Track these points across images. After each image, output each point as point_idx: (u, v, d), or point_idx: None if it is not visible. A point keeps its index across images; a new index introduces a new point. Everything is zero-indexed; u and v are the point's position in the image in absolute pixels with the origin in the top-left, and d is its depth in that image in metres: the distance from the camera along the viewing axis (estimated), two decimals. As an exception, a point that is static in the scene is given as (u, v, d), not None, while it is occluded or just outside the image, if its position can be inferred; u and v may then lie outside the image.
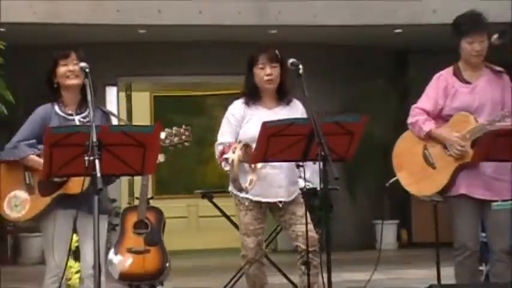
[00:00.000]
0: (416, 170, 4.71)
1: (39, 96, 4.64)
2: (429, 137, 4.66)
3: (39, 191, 4.40)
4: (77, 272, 5.34)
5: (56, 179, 4.27)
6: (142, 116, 13.16)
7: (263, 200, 4.88)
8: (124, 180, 11.13)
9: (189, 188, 10.44)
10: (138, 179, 5.80)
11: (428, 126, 4.64)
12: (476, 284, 4.50)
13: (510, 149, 4.23)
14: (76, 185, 4.25)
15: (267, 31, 9.85)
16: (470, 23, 4.60)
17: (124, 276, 5.51)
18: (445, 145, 4.60)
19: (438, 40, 9.77)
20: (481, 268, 5.44)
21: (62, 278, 4.35)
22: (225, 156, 4.83)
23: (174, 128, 4.79)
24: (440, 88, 4.67)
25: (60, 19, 9.48)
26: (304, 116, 4.87)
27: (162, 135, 4.79)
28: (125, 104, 12.38)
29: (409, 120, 4.76)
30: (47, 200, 4.37)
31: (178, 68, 11.14)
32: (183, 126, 4.85)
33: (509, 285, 4.38)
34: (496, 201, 4.48)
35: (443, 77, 4.71)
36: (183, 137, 4.84)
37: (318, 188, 4.53)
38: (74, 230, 4.41)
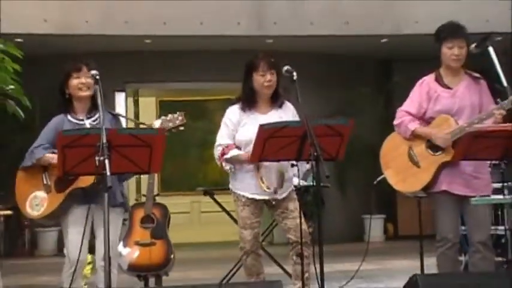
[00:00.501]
0: (402, 169, 4.70)
1: (54, 102, 4.67)
2: (414, 136, 4.64)
3: (56, 188, 4.44)
4: (89, 263, 5.33)
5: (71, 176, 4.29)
6: (149, 119, 13.04)
7: (257, 197, 4.88)
8: (132, 178, 11.10)
9: (191, 185, 10.41)
10: (144, 178, 5.79)
11: (413, 125, 4.64)
12: (456, 273, 4.49)
13: (487, 149, 4.23)
14: (84, 178, 4.27)
15: (264, 41, 9.85)
16: (450, 29, 4.62)
17: (132, 267, 5.50)
18: (429, 146, 4.60)
19: (420, 49, 9.80)
20: (460, 258, 5.45)
21: (75, 268, 4.35)
22: (226, 156, 4.84)
23: (169, 115, 4.80)
24: (424, 93, 4.67)
25: (73, 30, 9.49)
26: (296, 116, 4.89)
27: (158, 122, 4.80)
28: (133, 108, 12.37)
29: (395, 122, 4.76)
30: (62, 196, 4.42)
31: (182, 75, 11.13)
32: (178, 112, 4.85)
33: (486, 274, 4.37)
34: (475, 197, 4.49)
35: (426, 83, 4.71)
36: (177, 121, 4.85)
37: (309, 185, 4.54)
38: (91, 223, 4.43)
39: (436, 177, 4.56)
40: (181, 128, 4.90)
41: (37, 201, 4.48)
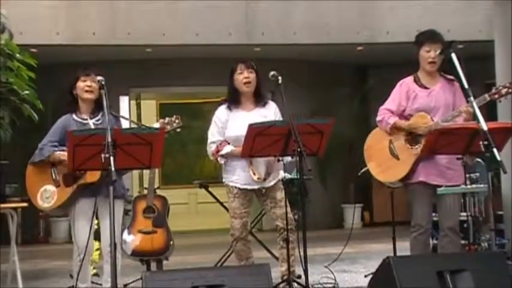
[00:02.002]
0: (383, 161, 4.69)
1: (64, 105, 4.66)
2: (395, 128, 4.63)
3: (64, 183, 4.43)
4: (97, 249, 5.32)
5: (78, 173, 4.28)
6: (150, 120, 12.99)
7: (249, 187, 4.88)
8: (135, 173, 11.09)
9: (189, 179, 10.38)
10: (146, 172, 5.76)
11: (393, 119, 4.64)
12: (424, 255, 4.50)
13: (451, 145, 4.23)
14: (92, 174, 4.27)
15: (252, 49, 9.83)
16: (428, 35, 4.62)
17: (136, 253, 5.47)
18: (407, 140, 4.59)
19: (391, 56, 9.88)
20: (430, 242, 5.45)
21: (84, 255, 4.34)
22: (221, 152, 4.83)
23: (167, 118, 4.80)
24: (403, 92, 4.66)
25: (82, 41, 9.46)
26: (278, 114, 4.91)
27: (157, 125, 4.80)
28: (135, 111, 12.32)
29: (378, 118, 4.74)
30: (70, 190, 4.42)
31: (180, 80, 11.12)
32: (174, 116, 4.85)
33: (452, 255, 4.38)
34: (447, 186, 4.50)
35: (406, 83, 4.71)
36: (174, 124, 4.85)
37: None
38: (96, 215, 4.42)
39: (413, 169, 4.55)
40: (178, 130, 4.88)
41: (47, 194, 4.47)
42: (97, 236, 4.72)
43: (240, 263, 4.97)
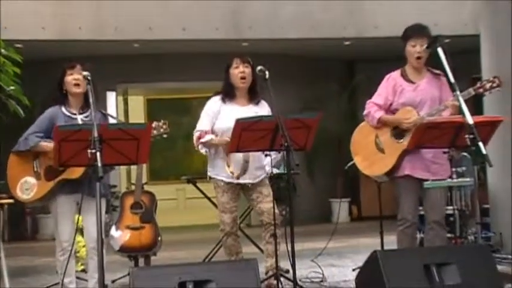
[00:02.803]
0: (369, 155, 4.71)
1: (51, 101, 4.64)
2: (381, 123, 4.65)
3: (45, 176, 4.41)
4: (84, 245, 5.31)
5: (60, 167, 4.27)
6: (138, 116, 13.08)
7: (234, 181, 4.88)
8: (123, 169, 11.07)
9: (177, 174, 10.39)
10: (134, 168, 5.76)
11: (379, 114, 4.65)
12: (411, 249, 4.53)
13: (437, 139, 4.25)
14: (74, 171, 4.26)
15: (240, 44, 9.83)
16: (414, 29, 4.63)
17: (123, 249, 5.47)
18: (393, 134, 4.62)
19: (379, 51, 9.90)
20: (417, 236, 5.48)
21: (70, 252, 4.34)
22: (202, 140, 4.83)
23: (154, 123, 4.78)
24: (390, 86, 4.68)
25: (68, 37, 9.41)
26: (270, 113, 4.89)
27: None
28: (123, 106, 12.29)
29: (364, 112, 4.76)
30: (51, 184, 4.40)
31: (167, 76, 11.08)
32: (161, 121, 4.85)
33: (438, 248, 4.41)
34: (433, 180, 4.52)
35: (392, 78, 4.72)
36: (161, 129, 4.84)
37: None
38: (78, 211, 4.41)
39: (399, 163, 4.57)
40: (165, 136, 4.89)
41: (27, 186, 4.44)
42: (82, 232, 4.72)
43: (229, 258, 4.98)
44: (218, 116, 4.88)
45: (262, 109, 4.95)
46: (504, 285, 4.01)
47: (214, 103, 4.94)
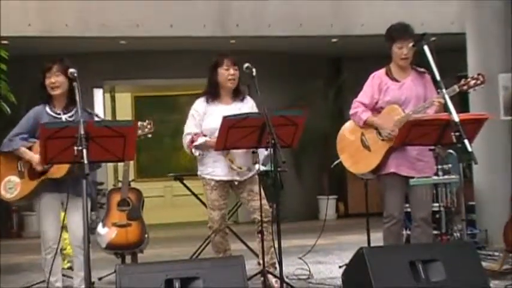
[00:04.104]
0: (355, 152, 4.72)
1: (37, 98, 4.60)
2: (366, 125, 4.67)
3: (29, 175, 4.39)
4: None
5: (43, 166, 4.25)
6: (125, 114, 13.00)
7: (225, 179, 4.88)
8: (110, 166, 11.03)
9: (165, 172, 10.35)
10: (121, 165, 5.74)
11: (366, 115, 4.66)
12: (396, 245, 4.55)
13: (423, 136, 4.27)
14: (57, 170, 4.24)
15: (227, 41, 9.81)
16: (399, 31, 4.62)
17: (110, 246, 5.46)
18: (379, 132, 4.63)
19: (366, 48, 9.91)
20: (403, 233, 5.51)
21: (56, 250, 4.32)
22: (195, 143, 4.83)
23: (139, 122, 4.76)
24: (375, 85, 4.69)
25: (54, 33, 9.35)
26: (254, 109, 4.89)
27: None
28: (110, 104, 12.24)
29: (351, 112, 4.77)
30: (34, 183, 4.38)
31: (154, 73, 11.04)
32: (146, 121, 4.83)
33: (424, 245, 4.43)
34: (418, 178, 4.54)
35: (378, 76, 4.73)
36: (146, 129, 4.83)
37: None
38: (63, 209, 4.39)
39: (384, 160, 4.59)
40: (149, 136, 4.88)
41: (11, 185, 4.42)
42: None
43: (217, 255, 4.97)
44: (204, 117, 4.87)
45: (246, 105, 4.95)
46: (489, 281, 4.03)
47: (199, 105, 4.93)
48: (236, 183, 4.90)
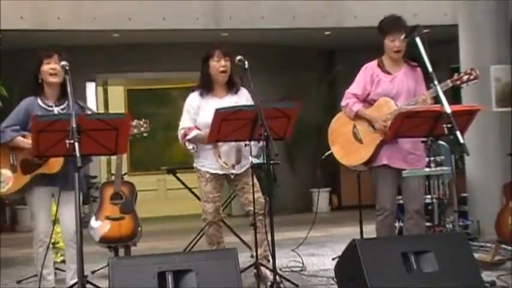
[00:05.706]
0: (346, 144, 4.72)
1: (30, 92, 4.57)
2: (358, 117, 4.66)
3: (21, 169, 4.36)
4: (64, 237, 5.28)
5: (37, 161, 4.23)
6: (118, 107, 12.99)
7: (220, 172, 4.87)
8: (103, 159, 11.01)
9: (158, 165, 10.35)
10: (114, 158, 5.73)
11: (357, 107, 4.66)
12: (388, 237, 4.56)
13: (415, 128, 4.27)
14: (52, 166, 4.22)
15: (220, 34, 9.79)
16: (392, 24, 4.62)
17: (103, 239, 5.46)
18: (371, 124, 4.63)
19: (359, 40, 9.91)
20: (395, 225, 5.53)
21: (49, 243, 4.31)
22: (188, 137, 4.82)
23: (135, 121, 4.76)
24: (368, 76, 4.68)
25: (47, 26, 9.31)
26: (250, 101, 4.88)
27: None
28: (103, 97, 12.22)
29: (342, 103, 4.76)
30: (27, 177, 4.35)
31: (147, 66, 11.02)
32: (143, 120, 4.83)
33: (417, 236, 4.44)
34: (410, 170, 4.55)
35: (370, 68, 4.72)
36: (142, 128, 4.83)
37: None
38: (55, 202, 4.38)
39: (376, 152, 4.59)
40: (145, 135, 4.87)
41: (2, 179, 4.39)
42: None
43: (211, 247, 4.97)
44: (199, 112, 4.86)
45: (242, 97, 4.93)
46: (481, 272, 4.05)
47: (193, 99, 4.92)
48: (232, 176, 4.89)
